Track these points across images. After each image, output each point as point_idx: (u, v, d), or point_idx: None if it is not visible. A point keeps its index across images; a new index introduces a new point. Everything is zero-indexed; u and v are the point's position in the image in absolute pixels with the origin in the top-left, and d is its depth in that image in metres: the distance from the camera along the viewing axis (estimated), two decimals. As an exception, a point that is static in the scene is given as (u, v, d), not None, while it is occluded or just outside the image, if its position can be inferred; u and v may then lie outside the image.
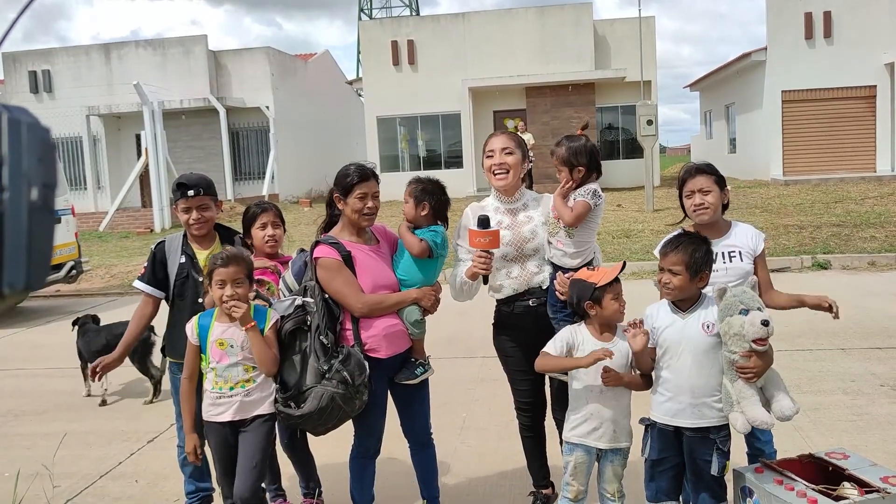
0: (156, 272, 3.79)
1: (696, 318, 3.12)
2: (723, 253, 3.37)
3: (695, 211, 3.42)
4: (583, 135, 3.67)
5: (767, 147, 22.36)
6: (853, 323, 7.46)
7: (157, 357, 5.85)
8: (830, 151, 22.31)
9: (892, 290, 8.97)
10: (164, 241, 3.86)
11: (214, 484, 4.02)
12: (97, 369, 3.74)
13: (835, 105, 22.25)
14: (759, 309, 2.99)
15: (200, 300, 3.70)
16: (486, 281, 3.58)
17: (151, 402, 6.23)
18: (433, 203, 3.60)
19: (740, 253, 3.37)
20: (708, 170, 3.48)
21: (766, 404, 3.05)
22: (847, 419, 5.00)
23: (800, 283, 8.53)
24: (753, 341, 2.94)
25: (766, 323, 2.95)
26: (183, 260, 3.75)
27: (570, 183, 3.52)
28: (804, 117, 22.38)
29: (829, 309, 3.41)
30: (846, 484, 2.99)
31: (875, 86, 21.89)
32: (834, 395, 5.45)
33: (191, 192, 3.67)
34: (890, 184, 19.12)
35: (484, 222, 3.45)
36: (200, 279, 3.70)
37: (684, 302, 3.16)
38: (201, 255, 3.78)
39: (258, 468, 3.36)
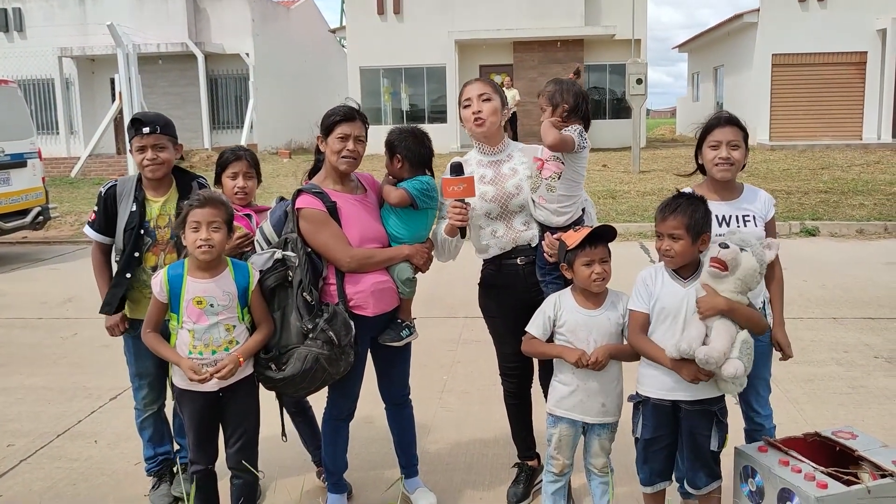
0: (107, 218, 3.46)
1: (697, 286, 2.87)
2: (737, 216, 3.08)
3: (717, 164, 3.06)
4: (574, 79, 3.38)
5: (755, 111, 22.10)
6: (843, 291, 7.32)
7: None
8: (818, 117, 22.14)
9: (881, 260, 8.83)
10: (115, 183, 3.50)
11: (175, 446, 3.79)
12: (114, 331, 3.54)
13: (825, 70, 22.01)
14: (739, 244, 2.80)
15: (137, 253, 3.39)
16: (463, 235, 3.33)
17: None
18: (404, 152, 3.32)
19: (754, 217, 3.09)
20: (738, 122, 3.12)
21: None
22: (842, 392, 4.83)
23: (788, 250, 8.34)
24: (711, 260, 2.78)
25: (723, 245, 2.76)
26: (134, 208, 3.40)
27: (561, 110, 3.20)
28: (794, 82, 22.14)
29: (780, 349, 3.19)
30: (864, 466, 2.78)
31: (866, 52, 21.67)
32: (828, 367, 5.28)
33: (146, 129, 3.33)
34: (876, 151, 19.02)
35: (457, 169, 3.17)
36: (142, 232, 3.39)
37: (684, 269, 2.90)
38: (154, 205, 3.44)
39: (249, 433, 3.12)
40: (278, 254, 3.13)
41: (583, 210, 3.37)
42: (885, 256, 9.01)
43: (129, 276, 3.40)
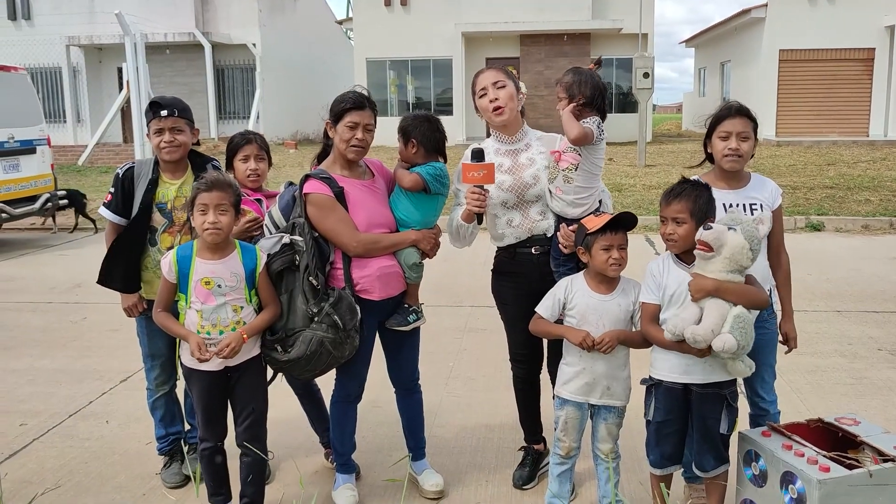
0: (124, 198, 3.48)
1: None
2: (744, 205, 3.12)
3: (726, 156, 3.08)
4: (594, 69, 3.39)
5: (761, 106, 22.06)
6: (848, 285, 7.35)
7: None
8: (824, 113, 22.12)
9: (886, 255, 8.85)
10: (132, 164, 3.54)
11: (186, 426, 3.84)
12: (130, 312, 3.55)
13: (832, 66, 21.98)
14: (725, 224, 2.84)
15: (147, 233, 3.44)
16: (480, 221, 3.35)
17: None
18: (419, 137, 3.34)
19: (762, 206, 3.12)
20: (748, 113, 3.14)
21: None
22: (846, 383, 4.87)
23: (793, 244, 8.37)
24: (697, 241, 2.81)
25: (706, 227, 2.78)
26: (149, 188, 3.45)
27: (577, 102, 3.22)
28: (800, 77, 22.11)
29: (786, 342, 3.29)
30: (866, 451, 2.83)
31: (874, 48, 21.64)
32: (831, 358, 5.32)
33: (164, 112, 3.38)
34: (882, 148, 18.99)
35: (478, 155, 3.19)
36: (152, 213, 3.43)
37: (688, 255, 2.94)
38: (171, 187, 3.48)
39: (257, 412, 3.17)
40: (286, 238, 3.16)
41: (599, 202, 3.37)
42: (890, 251, 9.03)
43: (132, 252, 3.42)
